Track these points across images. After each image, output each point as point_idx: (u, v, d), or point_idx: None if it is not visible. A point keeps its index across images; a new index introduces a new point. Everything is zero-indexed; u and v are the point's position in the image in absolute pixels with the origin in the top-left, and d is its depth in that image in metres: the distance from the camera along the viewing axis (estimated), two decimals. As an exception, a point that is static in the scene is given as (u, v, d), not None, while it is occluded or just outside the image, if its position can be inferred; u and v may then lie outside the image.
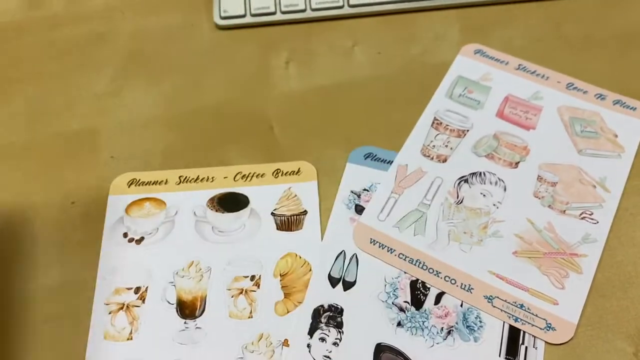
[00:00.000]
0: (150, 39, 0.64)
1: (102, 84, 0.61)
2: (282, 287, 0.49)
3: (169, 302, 0.49)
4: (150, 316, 0.49)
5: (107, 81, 0.61)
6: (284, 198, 0.53)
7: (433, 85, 0.59)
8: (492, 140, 0.55)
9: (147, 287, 0.50)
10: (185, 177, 0.55)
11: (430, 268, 0.49)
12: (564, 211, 0.51)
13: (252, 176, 0.54)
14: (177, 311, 0.49)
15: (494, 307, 0.47)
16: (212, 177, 0.55)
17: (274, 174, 0.54)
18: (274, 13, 0.63)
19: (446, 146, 0.55)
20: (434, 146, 0.55)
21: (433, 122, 0.56)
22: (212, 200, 0.54)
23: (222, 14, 0.63)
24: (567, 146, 0.54)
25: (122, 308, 0.49)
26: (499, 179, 0.53)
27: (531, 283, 0.48)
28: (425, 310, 0.48)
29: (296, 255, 0.51)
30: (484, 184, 0.53)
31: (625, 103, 0.56)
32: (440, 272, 0.49)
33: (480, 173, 0.53)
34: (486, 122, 0.56)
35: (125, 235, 0.52)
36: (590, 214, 0.51)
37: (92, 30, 0.65)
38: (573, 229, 0.50)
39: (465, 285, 0.48)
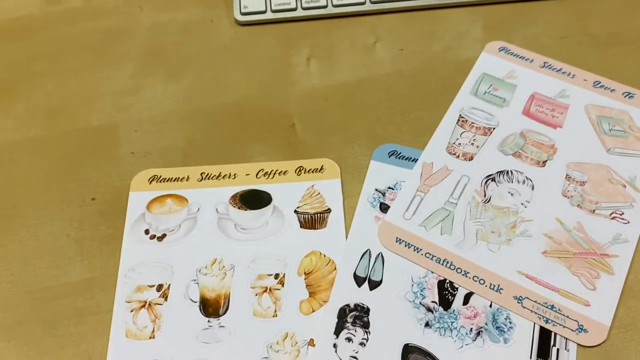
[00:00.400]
0: (169, 35, 0.62)
1: (121, 80, 0.59)
2: (307, 285, 0.47)
3: (192, 300, 0.47)
4: (173, 314, 0.46)
5: (127, 77, 0.59)
6: (307, 196, 0.51)
7: (456, 82, 0.56)
8: (519, 139, 0.52)
9: (169, 285, 0.47)
10: (207, 174, 0.52)
11: (458, 268, 0.46)
12: (594, 211, 0.49)
13: (275, 173, 0.52)
14: (200, 309, 0.46)
15: (524, 307, 0.45)
16: (234, 174, 0.52)
17: (297, 171, 0.52)
18: (295, 9, 0.60)
19: (472, 144, 0.52)
20: (459, 144, 0.52)
21: (458, 120, 0.53)
22: (234, 197, 0.51)
23: (243, 10, 0.61)
24: (595, 145, 0.52)
25: (144, 306, 0.46)
26: (527, 177, 0.50)
27: (561, 284, 0.45)
28: (453, 311, 0.45)
29: (320, 253, 0.48)
30: (512, 182, 0.50)
31: (652, 101, 0.54)
32: (468, 272, 0.46)
33: (508, 171, 0.51)
34: (512, 120, 0.53)
35: (146, 232, 0.50)
36: (620, 214, 0.48)
37: (111, 26, 0.62)
38: (603, 228, 0.48)
39: (494, 286, 0.46)
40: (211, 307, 0.46)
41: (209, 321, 0.46)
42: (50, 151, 0.55)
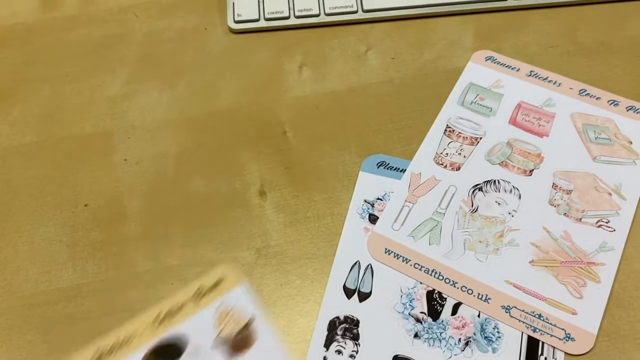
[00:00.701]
0: (163, 42, 0.60)
1: (115, 87, 0.58)
2: None
3: None
4: None
5: (121, 84, 0.58)
6: (221, 319, 0.45)
7: (446, 91, 0.55)
8: (506, 148, 0.51)
9: None
10: (101, 354, 0.44)
11: (447, 278, 0.45)
12: (580, 219, 0.48)
13: (175, 313, 0.45)
14: None
15: (512, 317, 0.44)
16: (130, 337, 0.44)
17: (195, 296, 0.45)
18: (287, 17, 0.59)
19: (459, 154, 0.51)
20: (447, 154, 0.51)
21: (446, 130, 0.52)
22: (147, 357, 0.44)
23: (236, 18, 0.59)
24: (582, 153, 0.51)
25: None
26: (514, 186, 0.49)
27: (549, 292, 0.45)
28: (442, 321, 0.44)
29: None
30: (499, 192, 0.49)
31: (639, 109, 0.53)
32: (456, 282, 0.45)
33: (495, 181, 0.50)
34: (499, 130, 0.52)
35: None
36: (606, 222, 0.47)
37: (106, 33, 0.61)
38: (590, 237, 0.47)
39: (482, 295, 0.45)
40: None
41: None
42: (45, 157, 0.54)
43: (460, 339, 0.43)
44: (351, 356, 0.43)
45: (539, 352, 0.43)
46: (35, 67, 0.59)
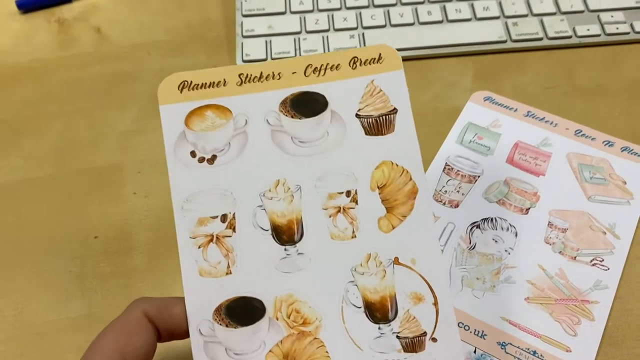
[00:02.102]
0: (174, 79, 0.62)
1: (127, 122, 0.59)
2: (383, 200, 0.40)
3: (263, 229, 0.40)
4: (245, 246, 0.39)
5: (132, 119, 0.59)
6: (368, 95, 0.41)
7: (445, 130, 0.56)
8: (503, 186, 0.52)
9: (234, 214, 0.40)
10: (247, 76, 0.42)
11: (444, 313, 0.46)
12: (575, 257, 0.48)
13: (326, 68, 0.42)
14: (273, 238, 0.40)
15: (507, 353, 0.44)
16: (279, 73, 0.42)
17: (351, 63, 0.42)
18: (294, 57, 0.61)
19: (458, 191, 0.52)
20: (446, 191, 0.52)
21: (444, 168, 0.53)
22: (284, 103, 0.41)
23: (245, 57, 0.61)
24: (577, 192, 0.51)
25: (211, 240, 0.40)
26: (510, 224, 0.50)
27: (544, 330, 0.45)
28: (438, 356, 0.44)
29: (392, 163, 0.40)
30: (496, 229, 0.50)
31: (633, 150, 0.54)
32: (453, 317, 0.46)
33: (492, 219, 0.50)
34: (497, 168, 0.53)
35: (193, 154, 0.41)
36: (601, 261, 0.48)
37: (120, 70, 0.63)
38: (584, 275, 0.47)
39: (478, 332, 0.45)
40: (285, 235, 0.40)
41: (285, 250, 0.39)
42: (57, 189, 0.55)
43: (456, 374, 0.44)
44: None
45: (534, 389, 0.43)
46: (50, 103, 0.61)
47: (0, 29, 0.66)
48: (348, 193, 0.40)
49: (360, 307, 0.38)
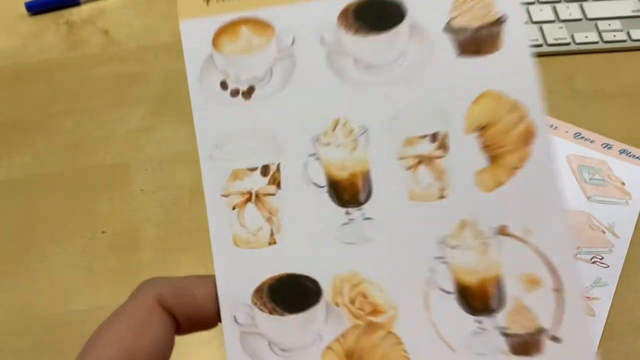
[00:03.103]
0: (181, 80, 0.62)
1: (135, 121, 0.60)
2: (484, 147, 0.29)
3: (317, 185, 0.29)
4: (294, 207, 0.29)
5: (140, 118, 0.60)
6: (462, 1, 0.30)
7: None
8: (505, 185, 0.53)
9: (278, 165, 0.29)
10: None
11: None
12: (576, 255, 0.49)
13: None
14: (331, 196, 0.29)
15: (509, 347, 0.45)
16: None
17: None
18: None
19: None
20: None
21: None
22: (344, 14, 0.29)
23: (250, 59, 0.61)
24: (577, 193, 0.52)
25: (249, 199, 0.29)
26: (512, 222, 0.51)
27: (545, 325, 0.46)
28: None
29: (498, 94, 0.29)
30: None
31: (630, 152, 0.55)
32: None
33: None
34: (499, 168, 0.54)
35: (223, 85, 0.29)
36: (600, 259, 0.49)
37: (127, 70, 0.64)
38: (585, 272, 0.48)
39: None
40: (346, 193, 0.29)
41: (347, 212, 0.29)
42: (66, 186, 0.55)
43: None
44: None
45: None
46: (60, 102, 0.61)
47: (10, 30, 0.67)
48: (434, 137, 0.29)
49: (451, 293, 0.28)
